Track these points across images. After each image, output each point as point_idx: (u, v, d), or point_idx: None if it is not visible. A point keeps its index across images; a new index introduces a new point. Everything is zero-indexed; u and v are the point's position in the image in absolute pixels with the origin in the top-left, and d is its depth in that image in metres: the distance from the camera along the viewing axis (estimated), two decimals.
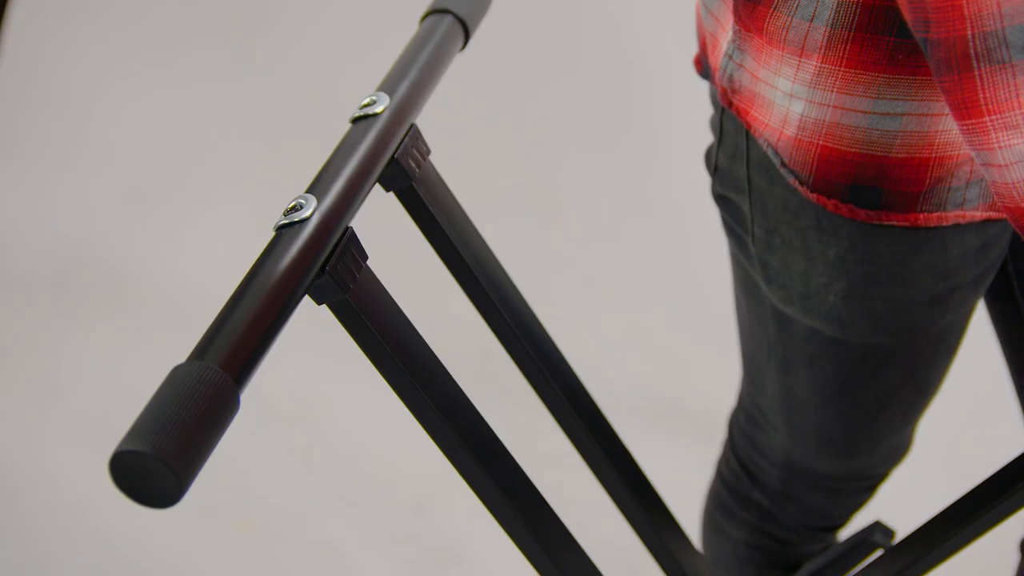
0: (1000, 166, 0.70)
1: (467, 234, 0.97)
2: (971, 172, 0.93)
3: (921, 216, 0.95)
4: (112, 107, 2.85)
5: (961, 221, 0.96)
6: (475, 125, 2.79)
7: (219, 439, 0.61)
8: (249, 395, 0.72)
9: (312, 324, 1.61)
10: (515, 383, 1.36)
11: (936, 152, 0.91)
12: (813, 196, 0.97)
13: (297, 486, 2.05)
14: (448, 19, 0.99)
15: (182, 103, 2.87)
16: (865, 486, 1.31)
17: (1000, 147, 0.69)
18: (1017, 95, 0.67)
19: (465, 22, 1.00)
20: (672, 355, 2.29)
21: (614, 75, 2.92)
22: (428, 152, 0.93)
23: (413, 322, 0.84)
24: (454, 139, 1.95)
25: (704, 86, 1.59)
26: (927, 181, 0.93)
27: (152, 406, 0.60)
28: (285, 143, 2.73)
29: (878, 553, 1.20)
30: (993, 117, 0.68)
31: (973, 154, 0.72)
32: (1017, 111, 0.67)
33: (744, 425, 1.36)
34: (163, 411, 0.59)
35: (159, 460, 0.57)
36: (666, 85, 2.84)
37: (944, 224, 0.96)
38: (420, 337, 0.84)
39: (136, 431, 0.58)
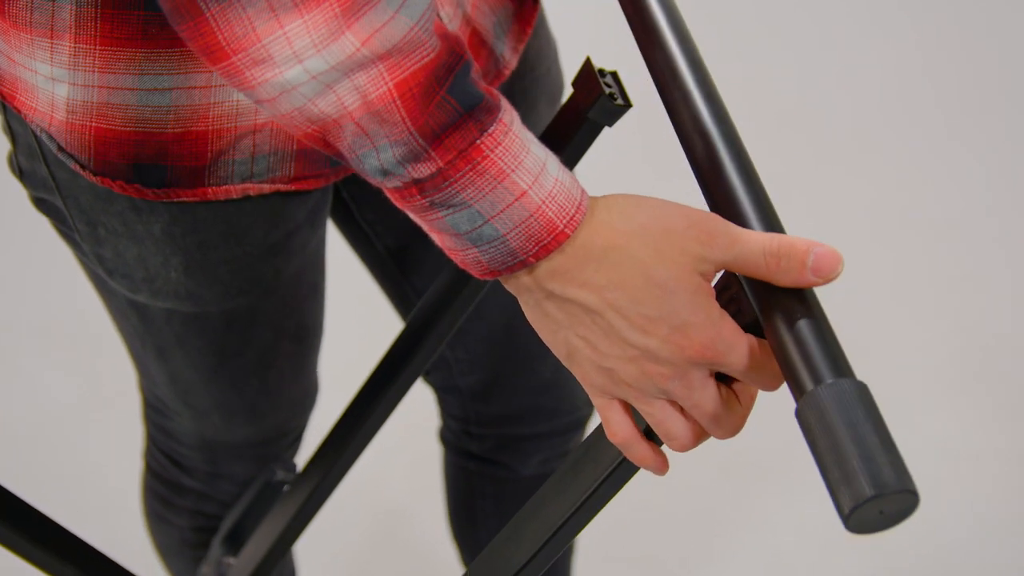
0: (269, 101, 0.68)
1: None
2: (254, 145, 0.91)
3: (210, 191, 0.92)
4: None
5: (251, 193, 0.94)
6: None
7: None
8: None
9: None
10: None
11: (213, 125, 0.89)
12: (97, 179, 0.91)
13: None
14: None
15: None
16: (287, 443, 1.30)
17: (258, 84, 0.67)
18: (254, 29, 0.64)
19: None
20: None
21: None
22: None
23: None
24: None
25: None
26: (209, 155, 0.90)
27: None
28: None
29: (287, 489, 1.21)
30: (239, 56, 0.65)
31: (246, 96, 0.69)
32: (259, 44, 0.65)
33: (154, 417, 1.31)
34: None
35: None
36: None
37: (233, 197, 0.94)
38: None
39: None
